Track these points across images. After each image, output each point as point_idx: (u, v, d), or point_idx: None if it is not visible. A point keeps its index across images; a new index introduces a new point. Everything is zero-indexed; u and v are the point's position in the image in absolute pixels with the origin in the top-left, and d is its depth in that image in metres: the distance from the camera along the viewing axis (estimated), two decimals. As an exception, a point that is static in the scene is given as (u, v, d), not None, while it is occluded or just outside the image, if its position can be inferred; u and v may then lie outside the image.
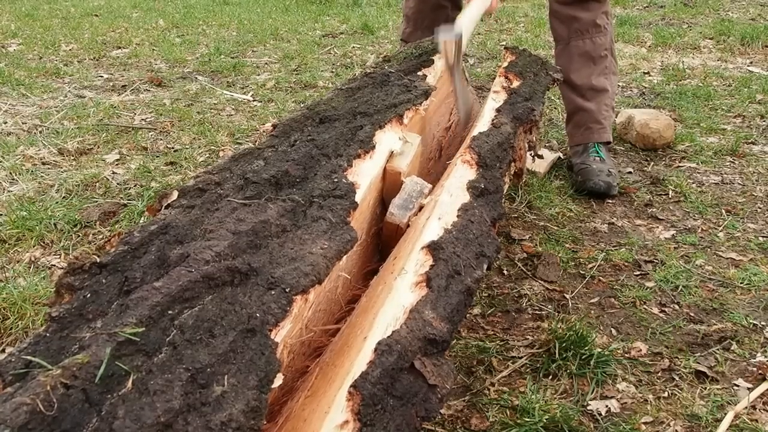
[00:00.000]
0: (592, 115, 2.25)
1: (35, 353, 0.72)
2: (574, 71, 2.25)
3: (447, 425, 1.21)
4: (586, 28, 2.21)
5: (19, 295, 1.50)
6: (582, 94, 2.25)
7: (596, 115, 2.25)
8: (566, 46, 2.26)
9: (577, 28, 2.22)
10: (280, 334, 0.82)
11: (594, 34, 2.22)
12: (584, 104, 2.26)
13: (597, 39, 2.23)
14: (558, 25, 2.28)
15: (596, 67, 2.24)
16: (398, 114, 1.44)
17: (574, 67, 2.25)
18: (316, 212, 1.07)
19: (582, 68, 2.24)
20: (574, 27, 2.22)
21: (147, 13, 5.58)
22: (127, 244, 0.91)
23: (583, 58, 2.24)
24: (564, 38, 2.27)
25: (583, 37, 2.23)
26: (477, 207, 1.25)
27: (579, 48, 2.23)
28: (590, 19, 2.21)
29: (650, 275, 1.72)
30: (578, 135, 2.29)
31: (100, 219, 1.94)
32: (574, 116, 2.31)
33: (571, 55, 2.25)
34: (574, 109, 2.29)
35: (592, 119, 2.26)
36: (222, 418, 0.68)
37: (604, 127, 2.26)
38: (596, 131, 2.26)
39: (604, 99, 2.25)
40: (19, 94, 3.17)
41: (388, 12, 5.52)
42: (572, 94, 2.28)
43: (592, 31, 2.22)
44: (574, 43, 2.24)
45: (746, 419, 1.22)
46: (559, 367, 1.35)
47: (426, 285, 1.00)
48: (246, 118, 2.91)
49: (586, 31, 2.22)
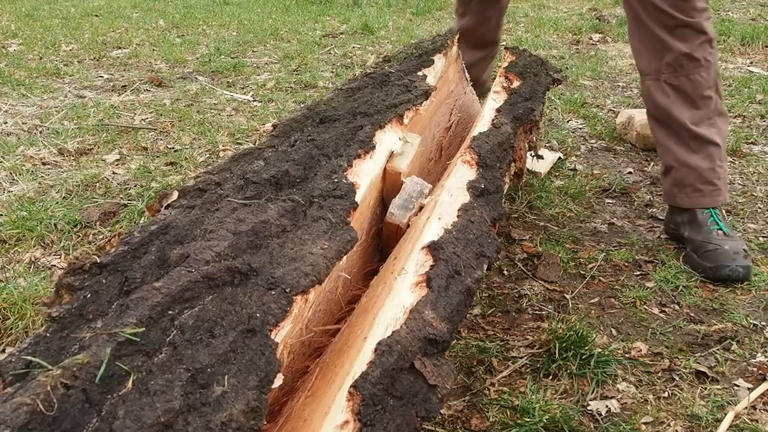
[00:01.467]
0: (700, 173, 1.78)
1: (35, 353, 0.72)
2: (673, 113, 1.80)
3: (447, 425, 1.21)
4: (680, 62, 1.75)
5: (19, 295, 1.50)
6: (685, 142, 1.80)
7: (706, 173, 1.78)
8: (656, 82, 1.81)
9: (669, 62, 1.76)
10: (280, 334, 0.82)
11: (692, 70, 1.75)
12: (689, 158, 1.79)
13: (696, 76, 1.75)
14: (643, 50, 1.81)
15: (699, 112, 1.78)
16: (398, 114, 1.44)
17: (672, 108, 1.79)
18: (317, 212, 1.07)
19: (681, 111, 1.79)
20: (666, 60, 1.76)
21: (147, 13, 5.59)
22: (127, 244, 0.91)
23: (680, 99, 1.78)
24: (653, 73, 1.80)
25: (676, 73, 1.76)
26: (477, 207, 1.25)
27: (674, 87, 1.78)
28: (685, 51, 1.73)
29: (650, 275, 1.72)
30: (683, 197, 1.82)
31: (100, 219, 1.94)
32: (674, 172, 1.83)
33: (665, 92, 1.80)
34: (675, 162, 1.82)
35: (701, 179, 1.79)
36: (222, 418, 0.68)
37: (719, 188, 1.80)
38: (709, 194, 1.80)
39: (715, 152, 1.79)
40: (20, 94, 3.17)
41: (388, 12, 5.52)
42: (671, 141, 1.82)
43: (688, 66, 1.75)
44: (667, 81, 1.78)
45: (746, 419, 1.22)
46: (559, 367, 1.35)
47: (426, 285, 1.00)
48: (246, 118, 2.91)
49: (680, 67, 1.75)
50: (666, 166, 1.86)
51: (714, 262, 1.69)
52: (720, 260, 1.68)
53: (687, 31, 1.72)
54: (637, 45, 1.82)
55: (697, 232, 1.77)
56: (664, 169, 1.87)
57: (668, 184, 1.86)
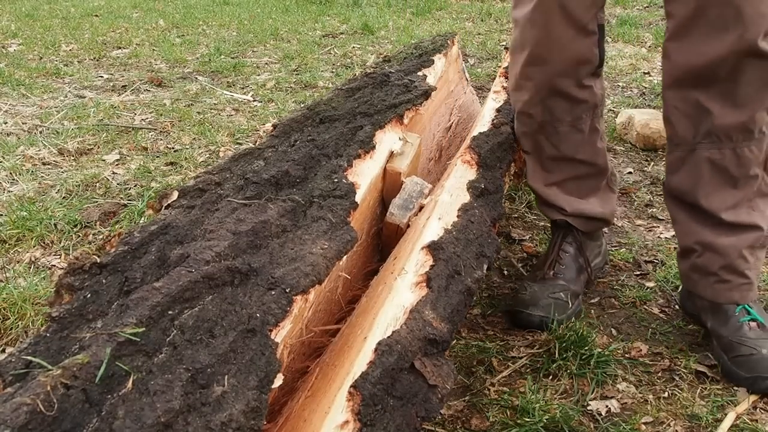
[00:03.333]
0: (728, 262, 1.37)
1: (35, 353, 0.72)
2: (701, 196, 1.37)
3: (447, 425, 1.21)
4: (726, 132, 1.30)
5: (19, 295, 1.50)
6: (712, 225, 1.38)
7: (736, 261, 1.36)
8: (690, 153, 1.36)
9: (710, 130, 1.31)
10: (280, 334, 0.82)
11: (740, 143, 1.30)
12: (714, 241, 1.37)
13: (745, 151, 1.31)
14: (677, 116, 1.36)
15: (738, 193, 1.34)
16: (398, 114, 1.44)
17: (702, 190, 1.36)
18: (317, 212, 1.07)
19: (714, 192, 1.35)
20: (705, 127, 1.31)
21: (147, 13, 5.59)
22: (127, 244, 0.91)
23: (716, 177, 1.34)
24: (687, 141, 1.35)
25: (720, 146, 1.31)
26: (477, 207, 1.25)
27: (711, 161, 1.33)
28: (737, 121, 1.28)
29: (650, 275, 1.72)
30: (705, 287, 1.41)
31: (100, 219, 1.94)
32: (695, 255, 1.42)
33: (697, 169, 1.36)
34: (697, 245, 1.40)
35: (729, 268, 1.37)
36: (222, 418, 0.68)
37: (750, 282, 1.39)
38: (737, 288, 1.38)
39: (751, 239, 1.37)
40: (20, 94, 3.17)
41: (388, 12, 5.52)
42: (692, 223, 1.41)
43: (737, 138, 1.30)
44: (702, 153, 1.34)
45: (746, 419, 1.22)
46: (559, 367, 1.35)
47: (426, 285, 1.00)
48: (246, 118, 2.91)
49: (726, 138, 1.30)
50: (684, 247, 1.44)
51: (750, 371, 1.30)
52: (758, 369, 1.29)
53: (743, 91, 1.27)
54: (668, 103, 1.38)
55: (722, 325, 1.38)
56: (682, 250, 1.45)
57: (686, 267, 1.45)
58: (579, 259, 1.58)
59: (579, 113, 1.49)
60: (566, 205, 1.56)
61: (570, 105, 1.47)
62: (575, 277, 1.56)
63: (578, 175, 1.55)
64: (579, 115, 1.49)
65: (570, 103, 1.46)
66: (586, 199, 1.57)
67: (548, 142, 1.52)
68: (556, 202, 1.57)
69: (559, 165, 1.55)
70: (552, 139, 1.51)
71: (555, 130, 1.50)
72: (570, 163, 1.54)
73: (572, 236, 1.58)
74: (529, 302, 1.48)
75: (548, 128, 1.50)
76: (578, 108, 1.48)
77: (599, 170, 1.57)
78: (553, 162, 1.55)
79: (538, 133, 1.52)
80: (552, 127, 1.50)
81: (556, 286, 1.51)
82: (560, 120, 1.48)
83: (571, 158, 1.53)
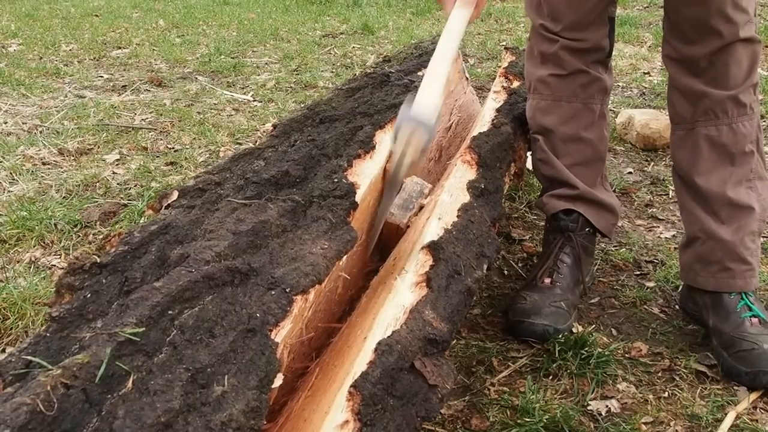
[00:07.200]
0: (731, 248, 1.42)
1: (35, 353, 0.72)
2: (702, 173, 1.45)
3: (447, 425, 1.21)
4: (722, 107, 1.42)
5: (19, 295, 1.50)
6: (714, 210, 1.44)
7: (738, 248, 1.42)
8: (689, 131, 1.47)
9: (708, 107, 1.43)
10: (280, 334, 0.82)
11: (735, 118, 1.42)
12: (717, 230, 1.43)
13: (739, 125, 1.42)
14: (678, 99, 1.49)
15: (736, 170, 1.43)
16: (398, 114, 1.44)
17: (702, 167, 1.45)
18: (317, 212, 1.07)
19: (714, 170, 1.44)
20: (702, 106, 1.44)
21: (147, 13, 5.59)
22: (127, 244, 0.91)
23: (715, 154, 1.44)
24: (686, 119, 1.47)
25: (716, 121, 1.43)
26: (477, 207, 1.25)
27: (709, 138, 1.44)
28: (728, 95, 1.41)
29: (650, 275, 1.72)
30: (707, 277, 1.45)
31: (100, 219, 1.94)
32: (698, 244, 1.47)
33: (696, 146, 1.46)
34: (701, 232, 1.46)
35: (732, 255, 1.43)
36: (222, 418, 0.68)
37: (752, 268, 1.44)
38: (741, 275, 1.43)
39: (749, 222, 1.43)
40: (20, 94, 3.17)
41: (388, 12, 5.53)
42: (697, 207, 1.47)
43: (731, 112, 1.42)
44: (701, 130, 1.45)
45: (746, 419, 1.22)
46: (559, 367, 1.35)
47: (426, 285, 1.00)
48: (246, 118, 2.91)
49: (722, 113, 1.42)
50: (689, 236, 1.50)
51: (751, 366, 1.31)
52: (759, 364, 1.31)
53: (732, 73, 1.41)
54: (671, 90, 1.52)
55: (724, 321, 1.40)
56: (686, 239, 1.51)
57: (689, 258, 1.49)
58: (575, 272, 1.56)
59: (592, 92, 1.58)
60: (578, 185, 1.59)
61: (584, 80, 1.57)
62: (573, 288, 1.54)
63: (585, 160, 1.61)
64: (592, 94, 1.58)
65: (584, 78, 1.57)
66: (592, 188, 1.62)
67: (560, 117, 1.59)
68: (569, 180, 1.59)
69: (568, 147, 1.60)
70: (565, 112, 1.59)
71: (569, 104, 1.58)
72: (578, 143, 1.59)
73: (570, 247, 1.56)
74: (531, 311, 1.45)
75: (563, 103, 1.59)
76: (591, 87, 1.58)
77: (600, 157, 1.64)
78: (564, 144, 1.60)
79: (552, 108, 1.59)
80: (566, 102, 1.58)
81: (555, 295, 1.50)
82: (575, 95, 1.58)
83: (581, 137, 1.59)
